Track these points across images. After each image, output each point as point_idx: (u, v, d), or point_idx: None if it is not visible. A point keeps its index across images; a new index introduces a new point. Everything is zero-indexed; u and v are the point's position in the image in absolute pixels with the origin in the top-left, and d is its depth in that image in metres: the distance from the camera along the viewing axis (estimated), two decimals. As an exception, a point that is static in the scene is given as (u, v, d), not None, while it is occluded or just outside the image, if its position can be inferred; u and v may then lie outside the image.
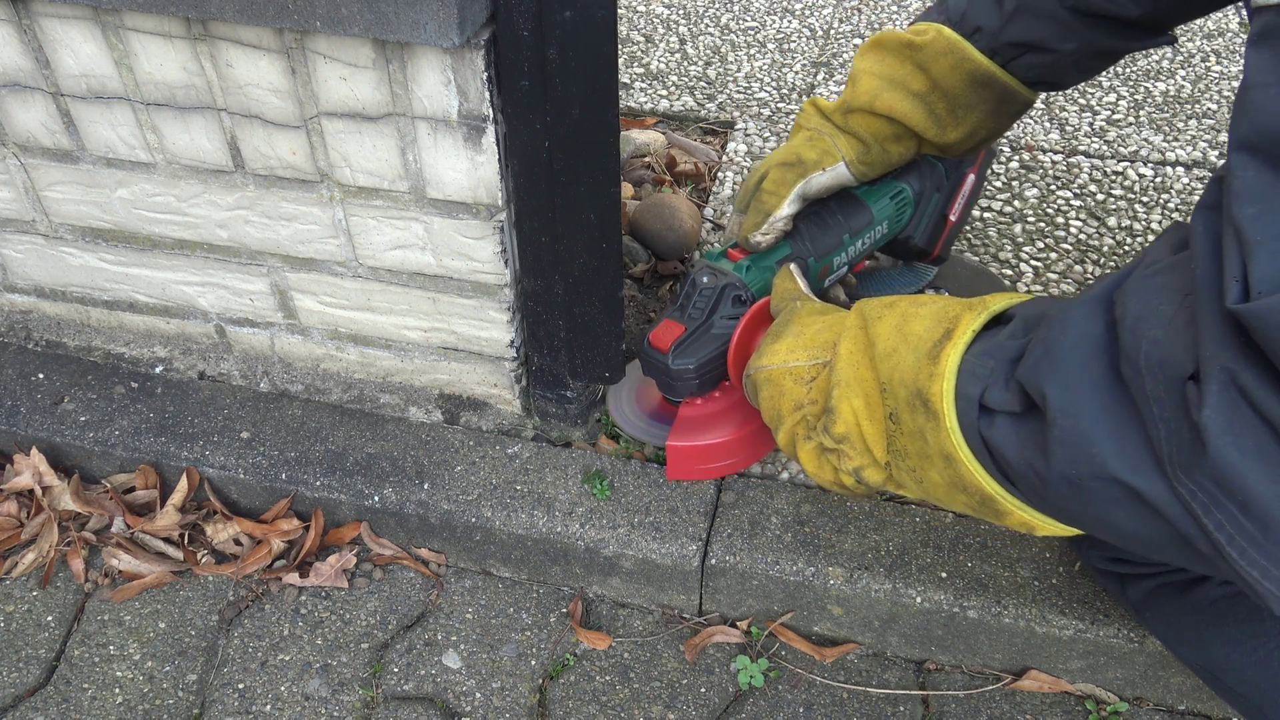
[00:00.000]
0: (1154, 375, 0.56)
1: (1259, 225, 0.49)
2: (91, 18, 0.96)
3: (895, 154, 1.09)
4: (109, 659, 1.11)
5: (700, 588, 1.11)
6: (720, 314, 1.05)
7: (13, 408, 1.24)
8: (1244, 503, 0.53)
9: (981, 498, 0.72)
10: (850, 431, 0.80)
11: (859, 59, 1.08)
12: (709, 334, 1.05)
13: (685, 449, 1.08)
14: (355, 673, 1.10)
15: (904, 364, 0.75)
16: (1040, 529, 0.72)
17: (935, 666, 1.11)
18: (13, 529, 1.21)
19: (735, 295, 1.05)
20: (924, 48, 1.02)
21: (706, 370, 1.05)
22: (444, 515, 1.13)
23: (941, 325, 0.75)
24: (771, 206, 1.05)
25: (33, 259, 1.24)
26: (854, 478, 0.82)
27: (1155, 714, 1.08)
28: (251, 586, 1.18)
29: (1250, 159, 0.51)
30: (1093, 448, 0.59)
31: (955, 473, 0.72)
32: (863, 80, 1.05)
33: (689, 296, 1.07)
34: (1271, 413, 0.50)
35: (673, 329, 1.05)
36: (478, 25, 0.86)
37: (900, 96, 1.04)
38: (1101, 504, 0.61)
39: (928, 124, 1.05)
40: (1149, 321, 0.58)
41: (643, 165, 1.64)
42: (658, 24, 2.07)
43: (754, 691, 1.08)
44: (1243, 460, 0.52)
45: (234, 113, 1.00)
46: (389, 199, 1.03)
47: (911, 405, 0.74)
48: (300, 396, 1.25)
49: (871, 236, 1.17)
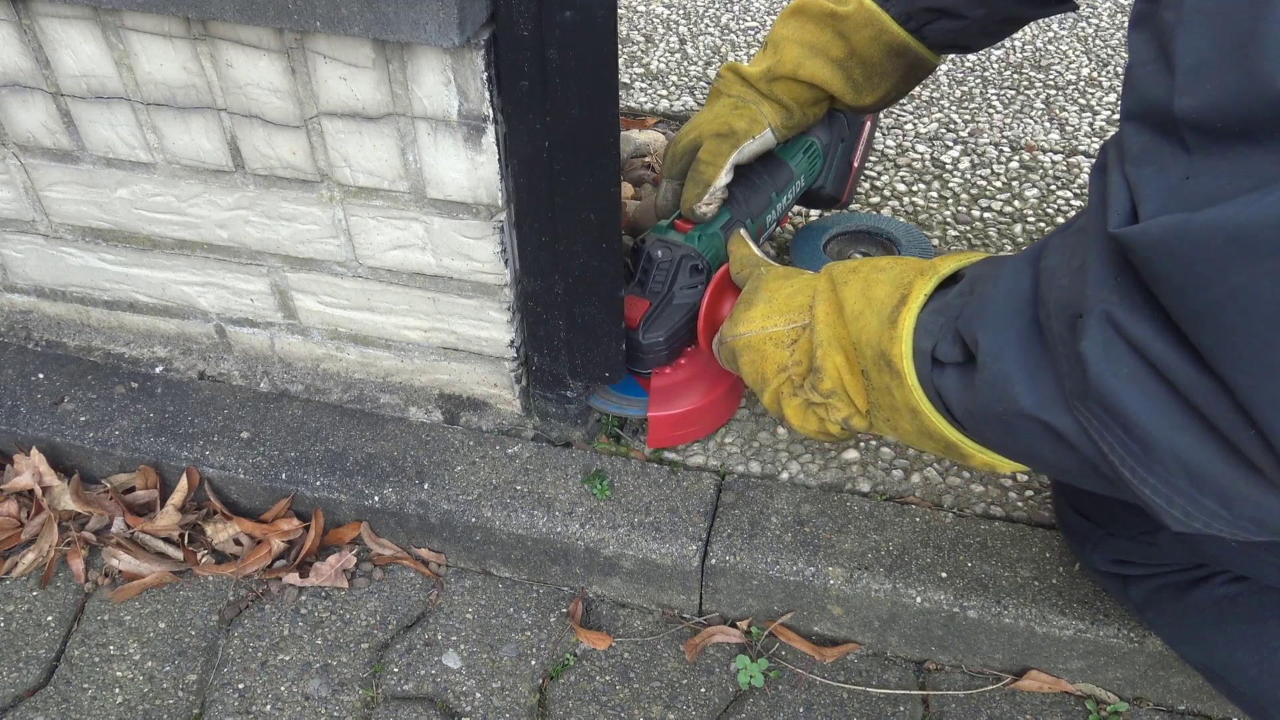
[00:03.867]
0: (1059, 317, 0.62)
1: (1152, 182, 0.55)
2: (91, 18, 0.96)
3: (813, 115, 1.17)
4: (109, 659, 1.11)
5: (700, 588, 1.11)
6: (680, 284, 1.11)
7: (13, 408, 1.23)
8: (1126, 425, 0.58)
9: (946, 444, 0.78)
10: (836, 386, 0.85)
11: (780, 25, 1.12)
12: (672, 305, 1.11)
13: (667, 418, 1.13)
14: (355, 673, 1.10)
15: (869, 327, 0.81)
16: (1001, 467, 0.78)
17: (935, 666, 1.11)
18: (13, 529, 1.21)
19: (692, 265, 1.10)
20: (846, 18, 1.07)
21: (674, 340, 1.11)
22: (444, 515, 1.13)
23: (899, 291, 0.80)
24: (710, 177, 1.11)
25: (33, 259, 1.24)
26: (841, 426, 0.88)
27: (1155, 714, 1.08)
28: (251, 586, 1.18)
29: (1140, 126, 0.57)
30: (1012, 387, 0.65)
31: (921, 423, 0.79)
32: (785, 48, 1.10)
33: (647, 271, 1.12)
34: (1140, 340, 0.56)
35: (637, 305, 1.10)
36: (478, 25, 0.86)
37: (822, 64, 1.09)
38: (1025, 438, 0.67)
39: (845, 89, 1.12)
40: (1059, 271, 0.64)
41: (643, 165, 1.64)
42: (658, 24, 2.07)
43: (754, 691, 1.08)
44: (1119, 385, 0.57)
45: (234, 113, 1.00)
46: (389, 199, 1.03)
47: (878, 365, 0.80)
48: (300, 396, 1.25)
49: (793, 191, 1.24)
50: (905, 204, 1.56)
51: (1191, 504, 0.59)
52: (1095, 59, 1.95)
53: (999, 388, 0.66)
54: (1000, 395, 0.67)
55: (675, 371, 1.14)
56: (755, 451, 1.18)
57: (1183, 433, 0.56)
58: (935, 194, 1.58)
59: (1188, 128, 0.54)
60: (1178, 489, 0.59)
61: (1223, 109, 0.52)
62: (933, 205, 1.56)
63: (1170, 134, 0.55)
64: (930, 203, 1.56)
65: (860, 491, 1.14)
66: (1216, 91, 0.52)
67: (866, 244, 1.47)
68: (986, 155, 1.67)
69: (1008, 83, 1.88)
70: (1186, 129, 0.54)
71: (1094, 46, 1.99)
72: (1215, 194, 0.52)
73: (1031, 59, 1.95)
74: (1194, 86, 0.53)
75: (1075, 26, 2.07)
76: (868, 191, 1.59)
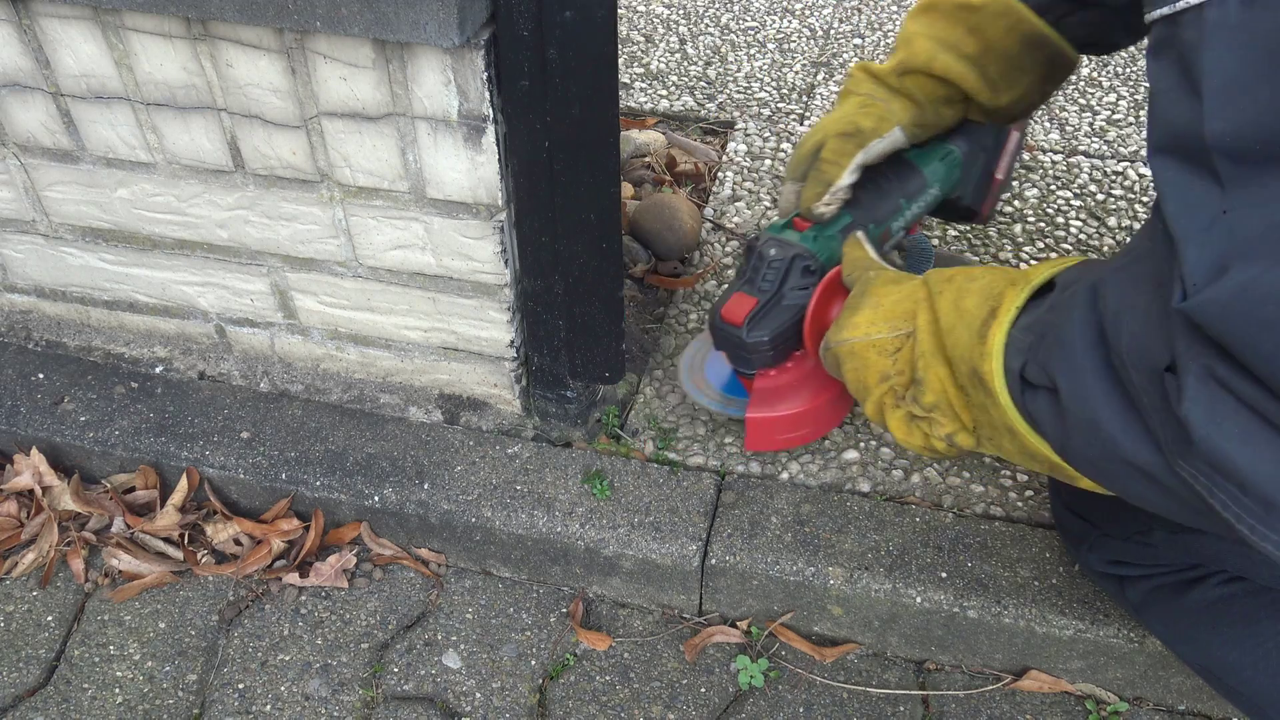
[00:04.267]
0: (1137, 368, 0.58)
1: (1181, 221, 0.52)
2: (91, 18, 0.96)
3: (947, 117, 1.09)
4: (109, 659, 1.11)
5: (700, 588, 1.11)
6: (790, 285, 1.05)
7: (13, 408, 1.23)
8: (1241, 484, 0.54)
9: (1050, 464, 0.74)
10: (939, 400, 0.82)
11: (910, 21, 1.07)
12: (781, 305, 1.05)
13: (766, 420, 1.08)
14: (355, 673, 1.10)
15: (962, 341, 0.78)
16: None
17: (935, 666, 1.11)
18: (13, 529, 1.21)
19: (804, 266, 1.05)
20: (981, 9, 1.01)
21: (780, 341, 1.05)
22: (444, 515, 1.13)
23: (988, 303, 0.77)
24: (832, 176, 1.04)
25: (33, 259, 1.24)
26: (946, 443, 0.84)
27: (1155, 714, 1.08)
28: (251, 586, 1.18)
29: (1167, 160, 0.54)
30: (1101, 432, 0.62)
31: (1021, 444, 0.75)
32: (917, 42, 1.05)
33: (757, 269, 1.06)
34: (1250, 398, 0.52)
35: (745, 302, 1.05)
36: (478, 25, 0.86)
37: (954, 59, 1.03)
38: (1124, 481, 0.64)
39: (980, 87, 1.05)
40: (1126, 315, 0.60)
41: (643, 165, 1.64)
42: (658, 24, 2.07)
43: (754, 691, 1.08)
44: (1229, 446, 0.53)
45: (234, 113, 1.00)
46: (389, 199, 1.03)
47: (973, 381, 0.77)
48: (300, 396, 1.25)
49: (925, 199, 1.17)
50: (905, 204, 1.56)
51: None
52: (1095, 59, 1.95)
53: (1089, 432, 0.63)
54: (1091, 440, 0.64)
55: (780, 374, 1.08)
56: (755, 451, 1.18)
57: None
58: (935, 194, 1.58)
59: (1221, 155, 0.50)
60: None
61: (1260, 129, 0.48)
62: (933, 205, 1.56)
63: (1201, 165, 0.52)
64: (930, 203, 1.56)
65: (860, 491, 1.14)
66: (1252, 110, 0.48)
67: None
68: (986, 155, 1.67)
69: (1008, 83, 1.87)
70: (1220, 157, 0.50)
71: (1094, 46, 1.99)
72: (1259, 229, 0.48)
73: (1031, 59, 1.95)
74: (1225, 108, 0.50)
75: (1075, 26, 2.06)
76: (868, 191, 1.59)
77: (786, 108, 1.79)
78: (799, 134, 1.71)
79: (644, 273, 1.43)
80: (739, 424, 1.21)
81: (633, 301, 1.39)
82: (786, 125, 1.75)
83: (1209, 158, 0.51)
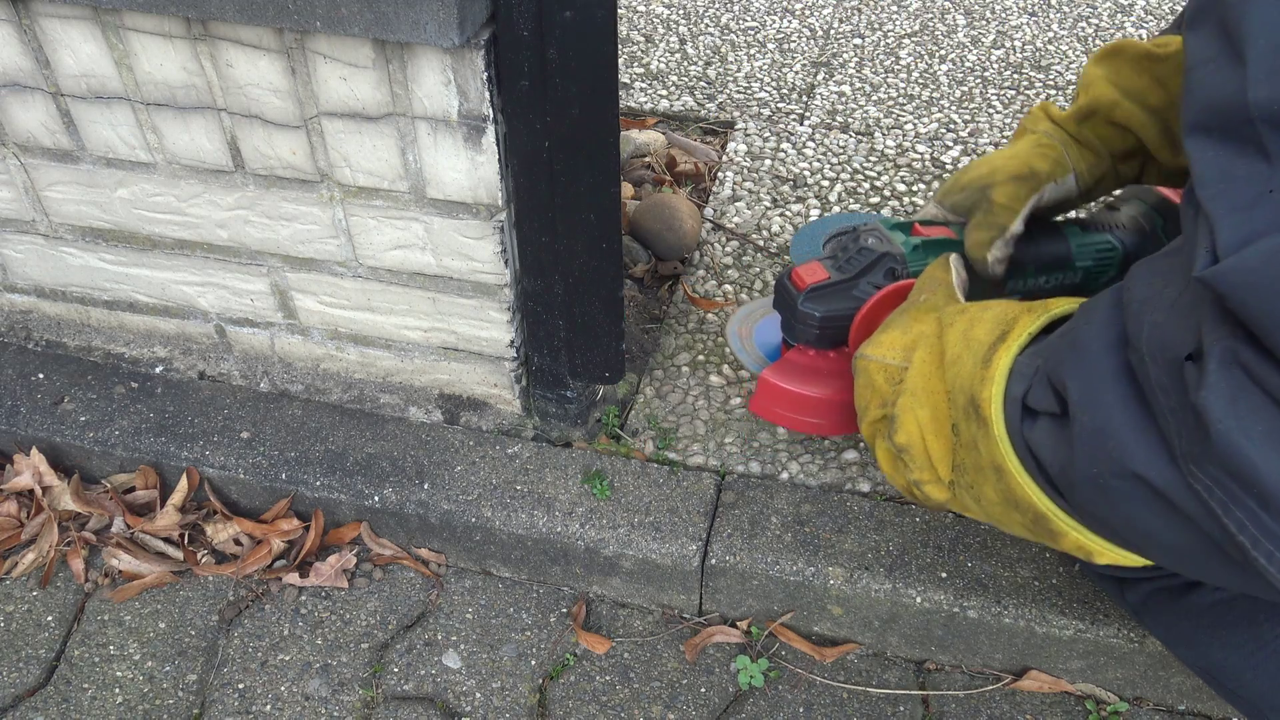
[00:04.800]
0: (1156, 360, 0.53)
1: (1221, 202, 0.47)
2: (91, 18, 0.96)
3: (1125, 175, 1.03)
4: (109, 659, 1.11)
5: (700, 588, 1.11)
6: (868, 279, 1.02)
7: (13, 408, 1.23)
8: (1261, 496, 0.47)
9: (1034, 515, 0.68)
10: (912, 444, 0.77)
11: (1092, 66, 1.02)
12: (849, 293, 1.02)
13: (774, 386, 1.05)
14: (355, 673, 1.10)
15: (964, 370, 0.73)
16: (1098, 554, 0.67)
17: (935, 666, 1.11)
18: (13, 529, 1.21)
19: (890, 267, 1.02)
20: (1166, 60, 0.95)
21: (830, 324, 1.01)
22: (444, 515, 1.13)
23: (999, 328, 0.72)
24: (1006, 221, 0.99)
25: (33, 259, 1.24)
26: (915, 488, 0.80)
27: (1155, 714, 1.08)
28: (251, 586, 1.18)
29: (1204, 140, 0.49)
30: (1109, 441, 0.56)
31: (1006, 486, 0.69)
32: (1099, 87, 1.00)
33: (846, 250, 1.04)
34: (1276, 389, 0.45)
35: (817, 272, 1.02)
36: (478, 25, 0.86)
37: (1138, 108, 0.98)
38: (1126, 504, 0.57)
39: (1162, 143, 0.98)
40: (1151, 304, 0.55)
41: (643, 165, 1.64)
42: (658, 24, 2.07)
43: (754, 691, 1.08)
44: (1251, 446, 0.46)
45: (234, 113, 1.00)
46: (389, 199, 1.03)
47: (967, 413, 0.72)
48: (300, 396, 1.25)
49: (1057, 278, 1.09)
50: (905, 204, 1.56)
51: None
52: (1095, 59, 1.95)
53: (1094, 443, 0.57)
54: (1095, 452, 0.57)
55: (818, 357, 1.04)
56: (755, 451, 1.18)
57: None
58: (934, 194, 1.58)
59: (1268, 125, 0.45)
60: None
61: None
62: (933, 205, 1.56)
63: (1245, 141, 0.47)
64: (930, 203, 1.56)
65: (860, 491, 1.14)
66: None
67: None
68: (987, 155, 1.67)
69: (1008, 83, 1.87)
70: (1266, 127, 0.45)
71: (1094, 46, 1.99)
72: None
73: (1031, 59, 1.95)
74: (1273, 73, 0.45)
75: (1075, 26, 2.07)
76: (868, 191, 1.59)
77: (786, 108, 1.79)
78: (799, 134, 1.72)
79: (644, 273, 1.43)
80: (740, 423, 1.21)
81: (633, 301, 1.39)
82: (786, 125, 1.75)
83: (1254, 131, 0.46)
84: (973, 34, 2.04)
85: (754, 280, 1.42)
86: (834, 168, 1.64)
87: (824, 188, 1.60)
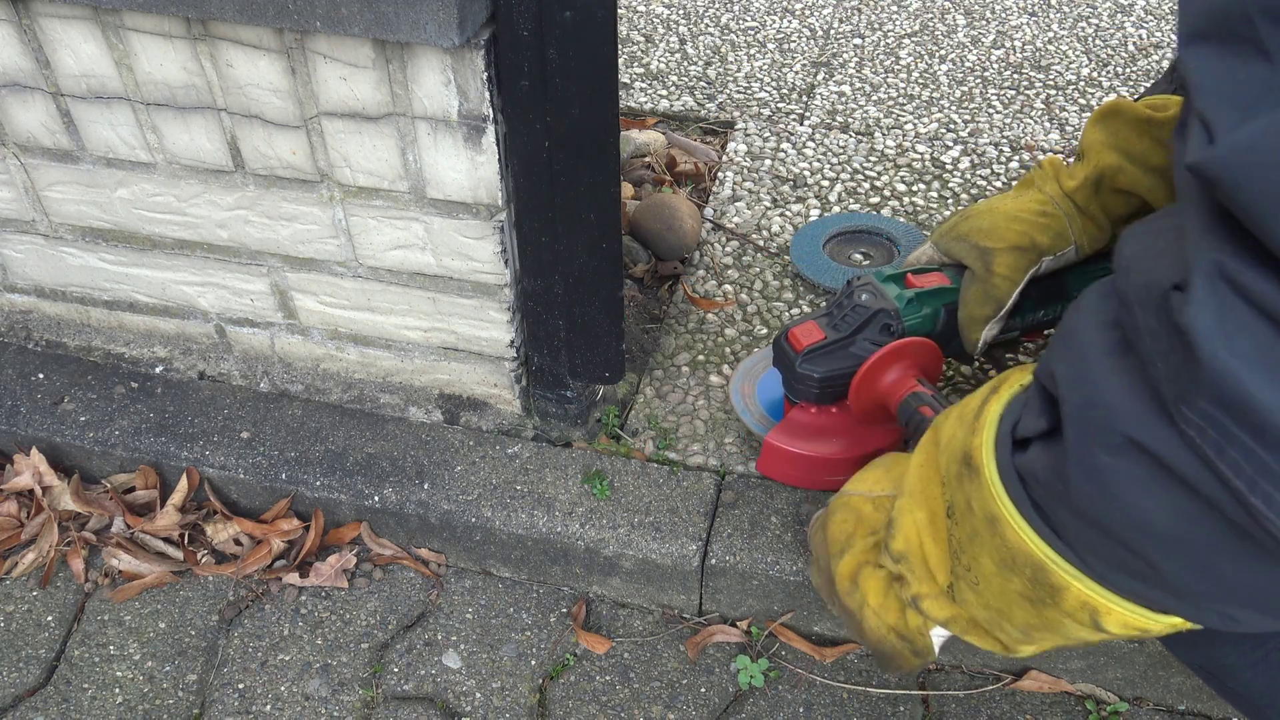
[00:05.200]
0: (1143, 305, 0.50)
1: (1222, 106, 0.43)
2: (91, 18, 0.96)
3: None
4: (109, 659, 1.11)
5: (700, 588, 1.11)
6: (865, 336, 1.03)
7: (13, 408, 1.23)
8: (1255, 427, 0.43)
9: (1032, 570, 0.63)
10: (910, 549, 0.74)
11: (1091, 129, 1.01)
12: (846, 350, 1.03)
13: (781, 449, 1.07)
14: (355, 673, 1.10)
15: (956, 439, 0.70)
16: (1104, 614, 0.61)
17: (935, 666, 1.11)
18: (13, 529, 1.21)
19: (885, 323, 1.03)
20: (1165, 124, 0.94)
21: (830, 384, 1.03)
22: (444, 515, 1.13)
23: (991, 387, 0.70)
24: (1005, 294, 1.00)
25: (33, 259, 1.24)
26: (914, 608, 0.75)
27: (1155, 714, 1.08)
28: (251, 586, 1.18)
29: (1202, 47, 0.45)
30: (1098, 410, 0.53)
31: (1001, 539, 0.64)
32: (1102, 154, 0.99)
33: (841, 307, 1.05)
34: (1267, 300, 0.41)
35: (814, 332, 1.04)
36: (478, 25, 0.86)
37: (1142, 172, 0.97)
38: (1120, 486, 0.53)
39: (1167, 202, 0.96)
40: (1140, 257, 0.52)
41: (643, 165, 1.64)
42: (658, 24, 2.07)
43: (754, 691, 1.08)
44: (1241, 367, 0.42)
45: (234, 113, 1.00)
46: (389, 199, 1.03)
47: (960, 476, 0.68)
48: (300, 396, 1.25)
49: (1056, 310, 1.12)
50: (905, 204, 1.56)
51: None
52: (1095, 59, 1.95)
53: (1083, 421, 0.54)
54: (1085, 430, 0.54)
55: (820, 414, 1.06)
56: (755, 451, 1.18)
57: None
58: (935, 194, 1.58)
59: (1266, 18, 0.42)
60: None
61: None
62: (932, 205, 1.56)
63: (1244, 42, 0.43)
64: (930, 203, 1.56)
65: (860, 491, 1.14)
66: None
67: (866, 244, 1.47)
68: (986, 155, 1.67)
69: (1008, 83, 1.88)
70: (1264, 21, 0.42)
71: (1094, 46, 1.99)
72: None
73: (1031, 59, 1.95)
74: None
75: (1075, 26, 2.07)
76: (868, 191, 1.59)
77: (786, 108, 1.79)
78: (799, 134, 1.72)
79: (644, 273, 1.43)
80: (740, 422, 1.21)
81: (633, 301, 1.39)
82: (786, 125, 1.75)
83: (1253, 30, 0.42)
84: (973, 34, 2.04)
85: (754, 280, 1.42)
86: (834, 168, 1.64)
87: (824, 188, 1.60)
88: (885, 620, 0.78)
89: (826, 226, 1.48)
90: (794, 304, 1.38)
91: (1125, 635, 0.64)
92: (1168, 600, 0.59)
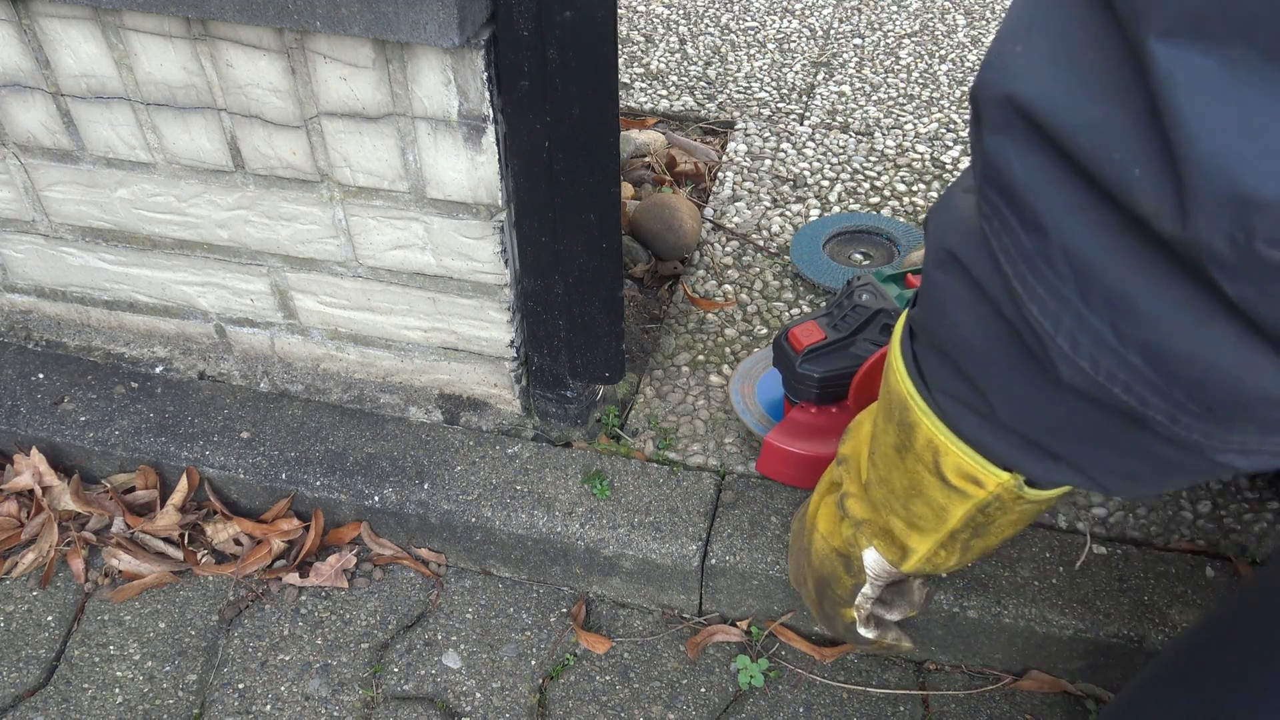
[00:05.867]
0: None
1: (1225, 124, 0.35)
2: (91, 18, 0.96)
3: None
4: (109, 659, 1.11)
5: (700, 588, 1.11)
6: (865, 336, 1.04)
7: (13, 408, 1.23)
8: (1019, 206, 0.44)
9: (900, 410, 0.65)
10: (853, 452, 0.76)
11: None
12: (847, 351, 1.04)
13: (779, 449, 1.08)
14: (355, 673, 1.10)
15: None
16: (944, 453, 0.63)
17: (935, 666, 1.11)
18: (13, 529, 1.21)
19: (886, 323, 1.04)
20: None
21: (830, 384, 1.03)
22: (444, 515, 1.13)
23: None
24: None
25: (33, 259, 1.24)
26: (842, 510, 0.79)
27: (1155, 714, 1.08)
28: (251, 586, 1.18)
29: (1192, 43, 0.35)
30: (939, 232, 0.55)
31: (887, 388, 0.66)
32: None
33: (841, 307, 1.06)
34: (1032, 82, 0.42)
35: (814, 333, 1.04)
36: (478, 25, 0.86)
37: None
38: (944, 297, 0.54)
39: None
40: None
41: (643, 165, 1.64)
42: (658, 24, 2.07)
43: (754, 691, 1.08)
44: (1013, 150, 0.43)
45: (234, 113, 1.00)
46: (389, 199, 1.03)
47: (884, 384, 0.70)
48: (300, 396, 1.25)
49: None
50: (905, 204, 1.56)
51: (1078, 324, 0.44)
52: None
53: (929, 244, 0.56)
54: (928, 252, 0.56)
55: (820, 414, 1.07)
56: (755, 451, 1.18)
57: (1072, 213, 0.42)
58: (935, 194, 1.58)
59: None
60: (1065, 301, 0.44)
61: None
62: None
63: None
64: (930, 203, 1.56)
65: (860, 491, 1.14)
66: None
67: (866, 244, 1.47)
68: (986, 155, 1.67)
69: (1008, 83, 1.87)
70: None
71: (1094, 46, 1.99)
72: None
73: (1031, 59, 1.95)
74: None
75: (1075, 26, 2.06)
76: (867, 191, 1.59)
77: (786, 108, 1.79)
78: (799, 134, 1.72)
79: (644, 273, 1.43)
80: (739, 422, 1.21)
81: (633, 301, 1.39)
82: (786, 125, 1.75)
83: None
84: (973, 34, 2.04)
85: (754, 280, 1.42)
86: (834, 168, 1.64)
87: (824, 188, 1.60)
88: (830, 544, 0.80)
89: (826, 226, 1.48)
90: (794, 304, 1.38)
91: (963, 491, 0.64)
92: (998, 444, 0.59)
